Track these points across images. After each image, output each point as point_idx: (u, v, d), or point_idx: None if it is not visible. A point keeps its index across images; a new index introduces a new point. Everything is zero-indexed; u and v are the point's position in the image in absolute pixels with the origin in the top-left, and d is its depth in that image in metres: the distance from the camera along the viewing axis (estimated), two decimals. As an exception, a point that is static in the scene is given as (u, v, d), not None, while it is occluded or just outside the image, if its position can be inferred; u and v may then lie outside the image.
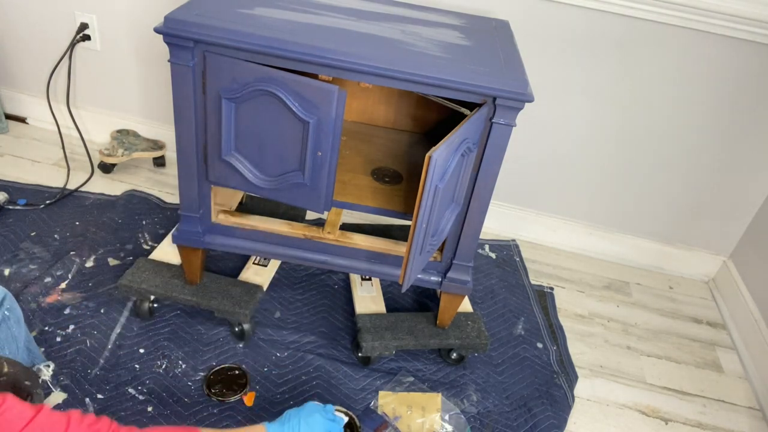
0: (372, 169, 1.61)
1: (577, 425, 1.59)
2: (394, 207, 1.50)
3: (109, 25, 2.10)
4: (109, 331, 1.57)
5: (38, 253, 1.77)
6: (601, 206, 2.15)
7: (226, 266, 1.81)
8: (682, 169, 2.01)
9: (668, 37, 1.78)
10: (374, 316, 1.61)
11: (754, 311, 1.91)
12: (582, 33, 1.81)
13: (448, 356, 1.64)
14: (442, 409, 1.50)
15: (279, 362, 1.56)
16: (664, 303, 2.08)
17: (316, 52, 1.21)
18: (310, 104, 1.25)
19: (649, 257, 2.21)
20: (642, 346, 1.88)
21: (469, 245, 1.48)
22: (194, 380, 1.48)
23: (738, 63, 1.78)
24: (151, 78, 2.19)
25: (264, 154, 1.36)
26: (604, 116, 1.95)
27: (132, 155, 2.18)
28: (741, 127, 1.90)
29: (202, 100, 1.32)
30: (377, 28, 1.37)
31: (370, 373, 1.58)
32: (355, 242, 1.54)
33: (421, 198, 1.17)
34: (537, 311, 1.91)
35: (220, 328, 1.62)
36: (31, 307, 1.58)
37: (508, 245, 2.18)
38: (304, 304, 1.75)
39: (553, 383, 1.66)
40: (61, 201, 1.99)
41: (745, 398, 1.77)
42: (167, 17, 1.22)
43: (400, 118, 1.79)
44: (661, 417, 1.66)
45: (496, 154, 1.32)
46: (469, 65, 1.26)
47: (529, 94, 1.23)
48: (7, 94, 2.34)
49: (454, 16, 1.60)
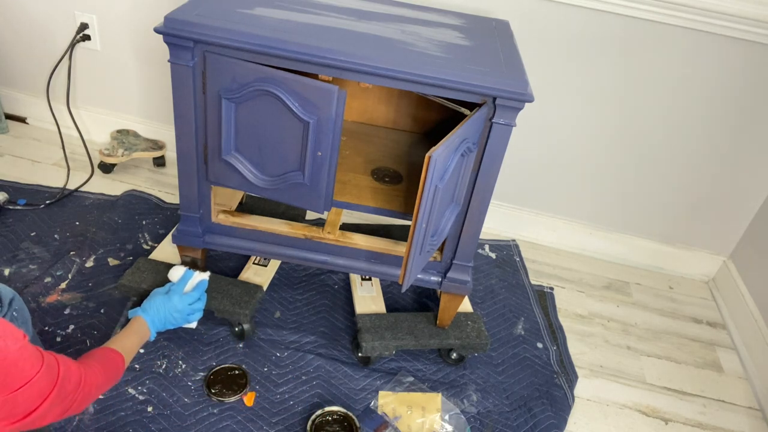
0: (372, 169, 1.61)
1: (577, 425, 1.59)
2: (394, 207, 1.50)
3: (109, 25, 2.10)
4: (109, 331, 1.57)
5: (38, 253, 1.77)
6: (601, 206, 2.15)
7: (226, 266, 1.81)
8: (682, 168, 2.01)
9: (668, 37, 1.78)
10: (374, 316, 1.61)
11: (754, 311, 1.91)
12: (582, 33, 1.81)
13: (448, 356, 1.64)
14: (442, 409, 1.50)
15: (279, 362, 1.56)
16: (664, 303, 2.08)
17: (316, 52, 1.21)
18: (310, 104, 1.25)
19: (649, 257, 2.21)
20: (642, 346, 1.88)
21: (469, 245, 1.48)
22: (194, 380, 1.48)
23: (738, 63, 1.78)
24: (151, 78, 2.19)
25: (264, 154, 1.36)
26: (604, 116, 1.95)
27: (132, 155, 2.18)
28: (741, 127, 1.90)
29: (202, 100, 1.32)
30: (377, 28, 1.37)
31: (370, 373, 1.58)
32: (355, 242, 1.54)
33: (421, 198, 1.17)
34: (537, 311, 1.91)
35: (220, 328, 1.62)
36: (31, 307, 1.58)
37: (508, 245, 2.18)
38: (304, 304, 1.75)
39: (553, 383, 1.66)
40: (61, 201, 1.99)
41: (745, 398, 1.77)
42: (167, 17, 1.22)
43: (400, 118, 1.79)
44: (661, 417, 1.66)
45: (496, 154, 1.32)
46: (469, 65, 1.26)
47: (529, 94, 1.23)
48: (7, 94, 2.34)
49: (454, 16, 1.60)
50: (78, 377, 1.04)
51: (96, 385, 1.10)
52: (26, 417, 0.93)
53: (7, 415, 0.91)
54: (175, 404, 1.42)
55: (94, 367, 1.12)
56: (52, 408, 0.97)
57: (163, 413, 1.40)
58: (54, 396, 0.96)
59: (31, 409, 0.94)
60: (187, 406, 1.42)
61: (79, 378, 1.04)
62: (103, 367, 1.16)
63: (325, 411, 1.45)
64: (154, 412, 1.40)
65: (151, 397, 1.42)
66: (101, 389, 1.14)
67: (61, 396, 0.99)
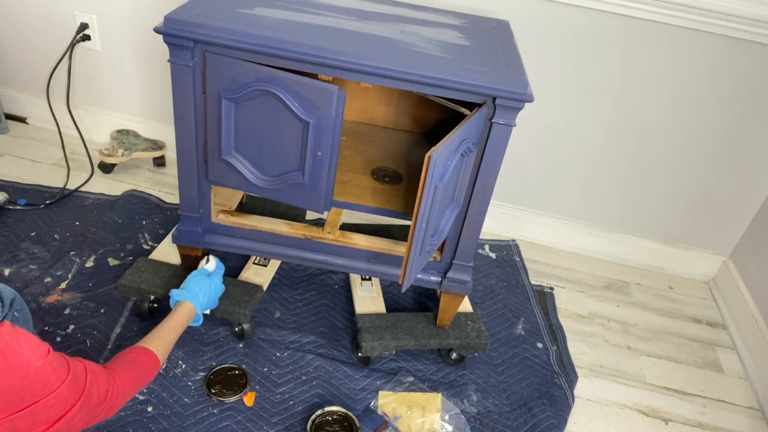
0: (372, 169, 1.61)
1: (577, 425, 1.59)
2: (394, 207, 1.50)
3: (109, 25, 2.10)
4: (109, 331, 1.57)
5: (38, 253, 1.77)
6: (601, 206, 2.15)
7: (226, 266, 1.80)
8: (682, 168, 2.01)
9: (668, 37, 1.78)
10: (374, 316, 1.61)
11: (754, 311, 1.91)
12: (582, 33, 1.81)
13: (448, 356, 1.64)
14: (442, 409, 1.50)
15: (279, 362, 1.56)
16: (664, 303, 2.08)
17: (316, 52, 1.21)
18: (310, 104, 1.25)
19: (649, 257, 2.21)
20: (642, 346, 1.88)
21: (469, 245, 1.48)
22: (194, 380, 1.48)
23: (738, 63, 1.78)
24: (151, 78, 2.19)
25: (264, 154, 1.36)
26: (604, 116, 1.95)
27: (132, 155, 2.18)
28: (741, 127, 1.90)
29: (202, 100, 1.32)
30: (377, 28, 1.37)
31: (370, 373, 1.58)
32: (355, 242, 1.54)
33: (420, 198, 1.17)
34: (537, 311, 1.91)
35: (220, 328, 1.62)
36: (31, 307, 1.58)
37: (508, 245, 2.18)
38: (304, 304, 1.75)
39: (553, 383, 1.66)
40: (61, 201, 1.99)
41: (745, 398, 1.77)
42: (167, 17, 1.22)
43: (400, 118, 1.79)
44: (661, 417, 1.66)
45: (496, 154, 1.32)
46: (469, 65, 1.26)
47: (529, 94, 1.23)
48: (7, 94, 2.34)
49: (454, 16, 1.60)
50: (105, 385, 1.05)
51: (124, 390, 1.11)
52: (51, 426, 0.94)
53: (31, 424, 0.92)
54: (175, 404, 1.42)
55: (123, 373, 1.12)
56: (79, 417, 0.98)
57: (163, 413, 1.40)
58: (80, 405, 0.97)
59: (55, 418, 0.94)
60: (187, 406, 1.42)
61: (106, 385, 1.05)
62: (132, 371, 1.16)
63: (325, 411, 1.45)
64: (154, 412, 1.40)
65: (151, 397, 1.42)
66: (131, 393, 1.14)
67: (88, 405, 1.00)
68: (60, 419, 0.94)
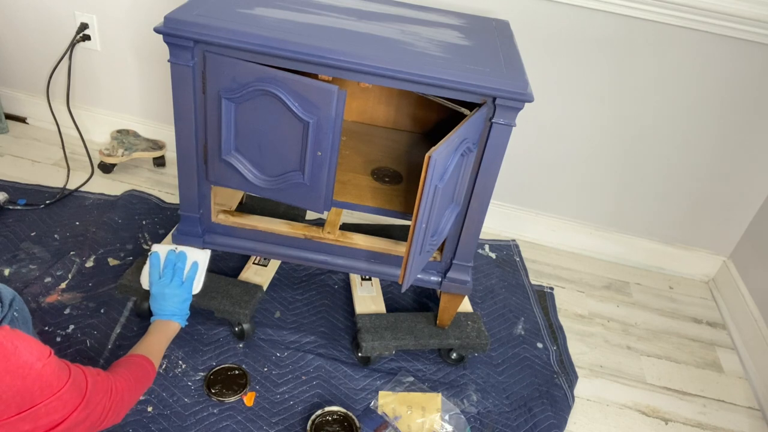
0: (372, 169, 1.61)
1: (577, 425, 1.59)
2: (394, 207, 1.50)
3: (109, 25, 2.10)
4: (109, 331, 1.57)
5: (38, 253, 1.77)
6: (601, 206, 2.15)
7: (226, 266, 1.81)
8: (682, 168, 2.01)
9: (668, 37, 1.78)
10: (374, 316, 1.61)
11: (754, 311, 1.91)
12: (582, 33, 1.81)
13: (448, 356, 1.64)
14: (442, 409, 1.50)
15: (279, 362, 1.56)
16: (664, 303, 2.08)
17: (316, 52, 1.21)
18: (310, 104, 1.25)
19: (649, 257, 2.21)
20: (642, 346, 1.88)
21: (469, 245, 1.48)
22: (194, 380, 1.48)
23: (738, 63, 1.78)
24: (151, 78, 2.19)
25: (264, 154, 1.36)
26: (603, 116, 1.95)
27: (132, 155, 2.18)
28: (741, 127, 1.90)
29: (202, 100, 1.32)
30: (377, 28, 1.37)
31: (370, 373, 1.58)
32: (355, 242, 1.54)
33: (420, 198, 1.17)
34: (537, 311, 1.91)
35: (220, 328, 1.62)
36: (31, 307, 1.58)
37: (508, 245, 2.18)
38: (304, 304, 1.75)
39: (553, 383, 1.66)
40: (61, 201, 1.99)
41: (745, 398, 1.77)
42: (167, 17, 1.22)
43: (400, 118, 1.79)
44: (661, 417, 1.66)
45: (496, 154, 1.32)
46: (469, 65, 1.26)
47: (529, 94, 1.23)
48: (7, 94, 2.34)
49: (454, 16, 1.60)
50: (107, 389, 1.06)
51: (127, 394, 1.13)
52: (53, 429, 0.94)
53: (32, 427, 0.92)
54: (175, 404, 1.42)
55: (124, 377, 1.14)
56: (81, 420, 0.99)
57: (162, 413, 1.40)
58: (82, 409, 0.98)
59: (58, 421, 0.95)
60: (187, 406, 1.42)
61: (108, 390, 1.06)
62: (132, 375, 1.18)
63: (325, 411, 1.45)
64: (154, 412, 1.40)
65: (151, 397, 1.42)
66: (134, 397, 1.16)
67: (89, 408, 1.00)
68: (62, 423, 0.95)
